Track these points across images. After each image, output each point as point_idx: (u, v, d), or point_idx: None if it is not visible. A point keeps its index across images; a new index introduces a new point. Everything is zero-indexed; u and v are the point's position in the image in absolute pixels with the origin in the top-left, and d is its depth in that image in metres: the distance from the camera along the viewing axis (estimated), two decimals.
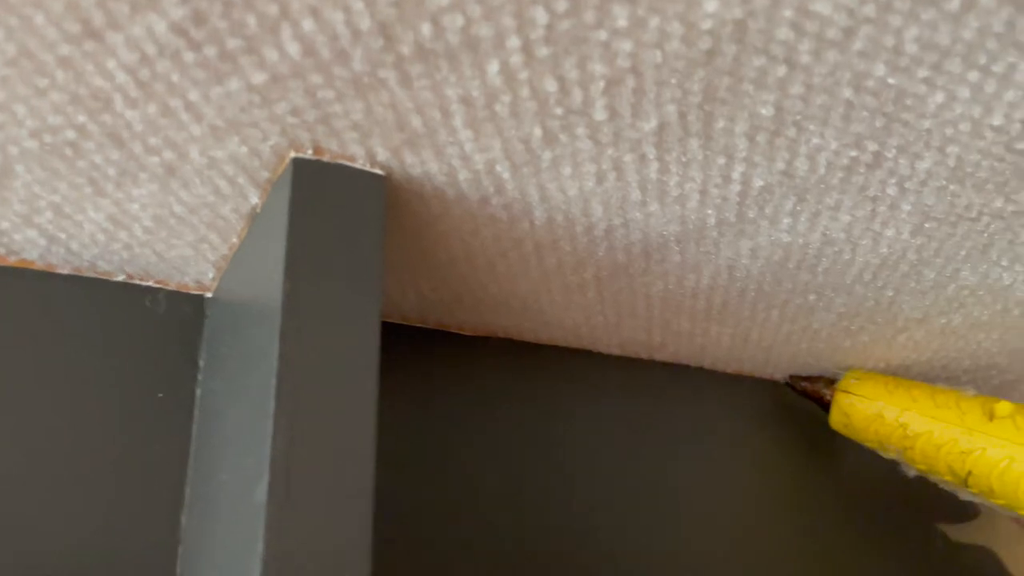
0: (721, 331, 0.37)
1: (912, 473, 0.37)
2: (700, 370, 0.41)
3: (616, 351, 0.39)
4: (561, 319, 0.34)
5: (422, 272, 0.30)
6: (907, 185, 0.26)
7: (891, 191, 0.26)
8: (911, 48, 0.20)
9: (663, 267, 0.30)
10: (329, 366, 0.21)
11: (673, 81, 0.21)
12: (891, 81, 0.21)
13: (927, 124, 0.23)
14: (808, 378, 0.41)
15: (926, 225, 0.28)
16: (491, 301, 0.32)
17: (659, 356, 0.40)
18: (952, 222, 0.28)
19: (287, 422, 0.20)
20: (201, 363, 0.30)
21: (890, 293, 0.33)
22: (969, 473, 0.33)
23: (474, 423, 0.34)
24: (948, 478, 0.34)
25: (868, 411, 0.36)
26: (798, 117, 0.22)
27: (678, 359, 0.40)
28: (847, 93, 0.21)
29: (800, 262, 0.31)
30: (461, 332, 0.35)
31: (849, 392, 0.38)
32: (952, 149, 0.24)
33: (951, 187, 0.26)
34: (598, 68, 0.20)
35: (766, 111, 0.22)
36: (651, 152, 0.23)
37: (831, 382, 0.39)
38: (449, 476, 0.34)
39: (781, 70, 0.20)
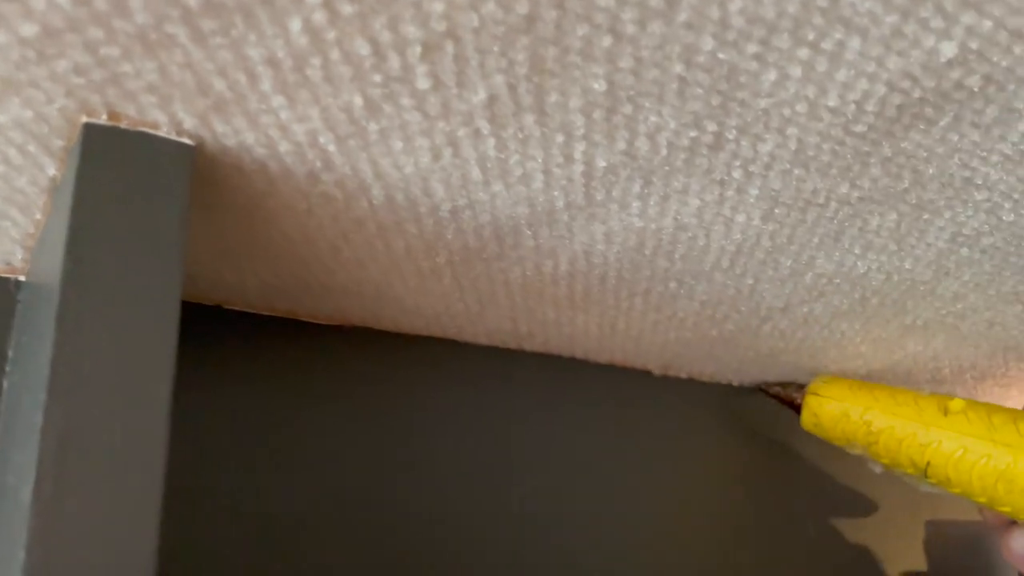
0: (588, 320, 0.36)
1: (878, 469, 0.40)
2: (572, 360, 0.41)
3: (483, 340, 0.37)
4: (420, 307, 0.33)
5: (258, 256, 0.28)
6: (751, 168, 0.25)
7: (736, 175, 0.26)
8: (737, 21, 0.19)
9: (518, 252, 0.29)
10: (116, 355, 0.19)
11: (496, 49, 0.19)
12: (721, 56, 0.20)
13: (763, 104, 0.22)
14: (780, 384, 0.44)
15: (776, 211, 0.28)
16: (341, 288, 0.31)
17: (528, 346, 0.39)
18: (801, 208, 0.28)
19: (60, 416, 0.18)
20: (10, 353, 0.27)
21: (750, 281, 0.33)
22: (928, 464, 0.35)
23: (321, 414, 0.32)
24: (910, 470, 0.37)
25: (835, 411, 0.39)
26: (632, 93, 0.21)
27: (548, 349, 0.39)
28: (678, 68, 0.21)
29: (656, 248, 0.30)
30: (314, 321, 0.33)
31: (818, 394, 0.40)
32: (792, 131, 0.24)
33: (796, 171, 0.26)
34: (411, 30, 0.18)
35: (598, 86, 0.21)
36: (485, 127, 0.22)
37: (801, 387, 0.42)
38: (302, 473, 0.32)
39: (607, 40, 0.19)
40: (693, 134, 0.23)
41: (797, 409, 0.42)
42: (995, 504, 0.35)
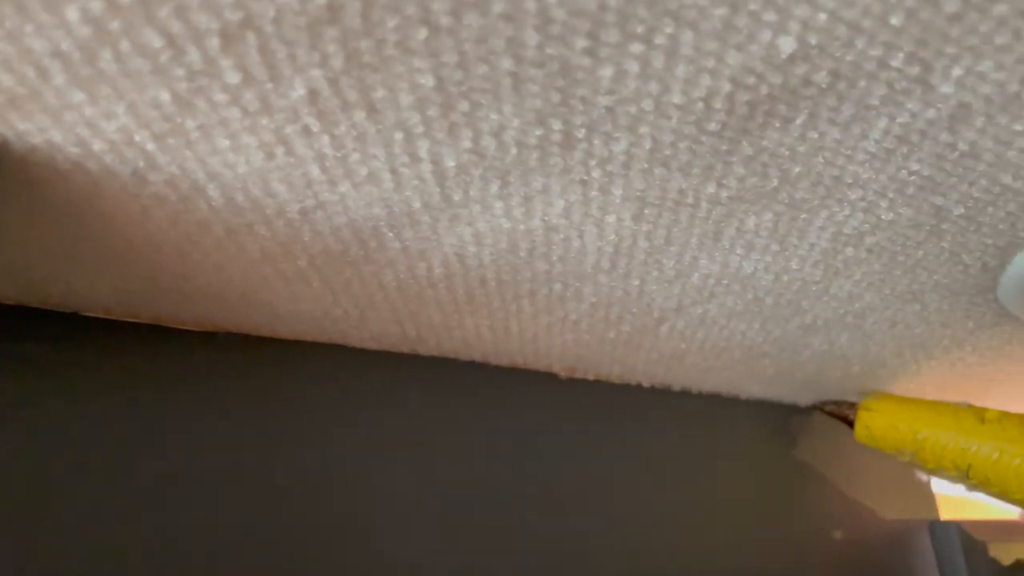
0: (477, 322, 0.35)
1: (925, 475, 0.46)
2: (471, 364, 0.40)
3: (372, 345, 0.36)
4: (294, 312, 0.32)
5: (104, 261, 0.26)
6: (610, 168, 0.24)
7: (596, 175, 0.25)
8: (558, 13, 0.18)
9: (385, 254, 0.28)
10: None
11: (303, 41, 0.18)
12: (550, 51, 0.19)
13: (606, 101, 0.21)
14: (835, 402, 0.50)
15: (646, 211, 0.27)
16: (202, 293, 0.29)
17: (422, 350, 0.37)
18: (671, 208, 0.27)
19: None
20: None
21: (636, 282, 0.32)
22: (969, 467, 0.40)
23: (192, 424, 0.31)
24: (953, 473, 0.42)
25: (885, 423, 0.45)
26: (464, 89, 0.20)
27: (443, 353, 0.38)
28: (507, 63, 0.19)
29: (530, 250, 0.29)
30: (182, 327, 0.32)
31: (870, 409, 0.46)
32: (644, 130, 0.23)
33: (657, 171, 0.25)
34: (203, 20, 0.17)
35: (426, 80, 0.20)
36: (314, 124, 0.21)
37: (852, 405, 0.48)
38: (173, 486, 0.30)
39: (422, 32, 0.18)
40: (539, 132, 0.22)
41: (851, 424, 0.47)
42: None
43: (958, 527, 0.53)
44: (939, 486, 0.61)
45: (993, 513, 0.71)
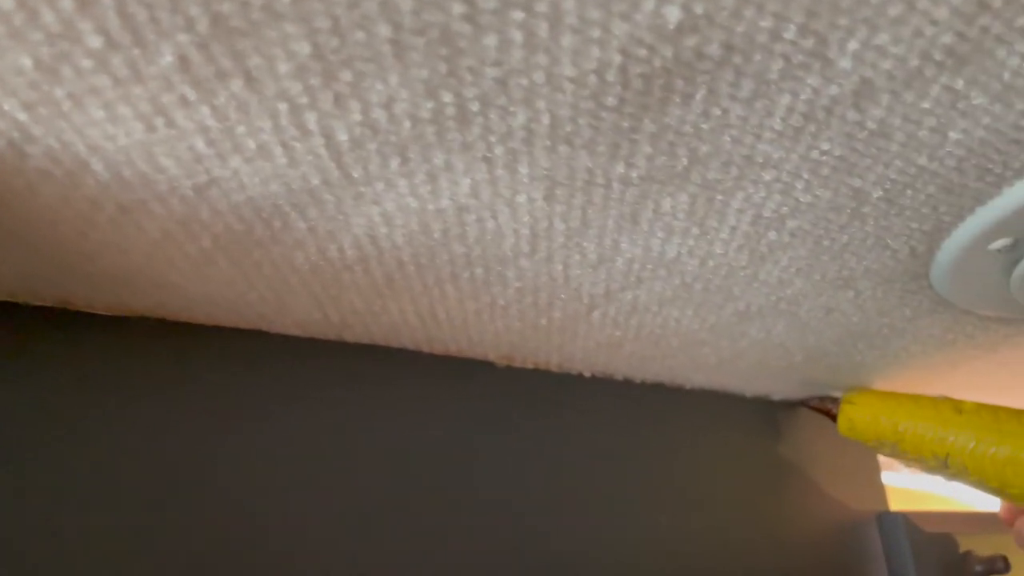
0: (402, 308, 0.34)
1: (905, 464, 0.46)
2: (403, 352, 0.39)
3: (296, 332, 0.35)
4: (208, 295, 0.31)
5: None
6: (512, 145, 0.24)
7: (499, 151, 0.24)
8: None
9: (292, 235, 0.27)
10: None
11: (164, 3, 0.17)
12: (427, 17, 0.19)
13: (495, 72, 0.21)
14: (818, 398, 0.52)
15: (557, 191, 0.27)
16: (108, 275, 0.28)
17: (350, 337, 0.37)
18: (583, 188, 0.27)
19: None
20: None
21: (560, 267, 0.32)
22: (948, 455, 0.42)
23: (100, 411, 0.30)
24: (932, 463, 0.43)
25: (867, 416, 0.46)
26: (344, 57, 0.20)
27: (373, 340, 0.37)
28: (384, 30, 0.19)
29: (444, 231, 0.28)
30: (91, 311, 0.31)
31: (852, 403, 0.48)
32: (540, 104, 0.22)
33: (561, 148, 0.24)
34: None
35: (301, 47, 0.19)
36: (191, 93, 0.20)
37: (835, 399, 0.49)
38: (84, 476, 0.30)
39: None
40: (431, 105, 0.22)
41: (833, 418, 0.49)
42: (1006, 487, 0.40)
43: (905, 518, 0.53)
44: (889, 479, 0.61)
45: (941, 505, 0.71)
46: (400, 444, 0.37)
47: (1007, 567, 0.55)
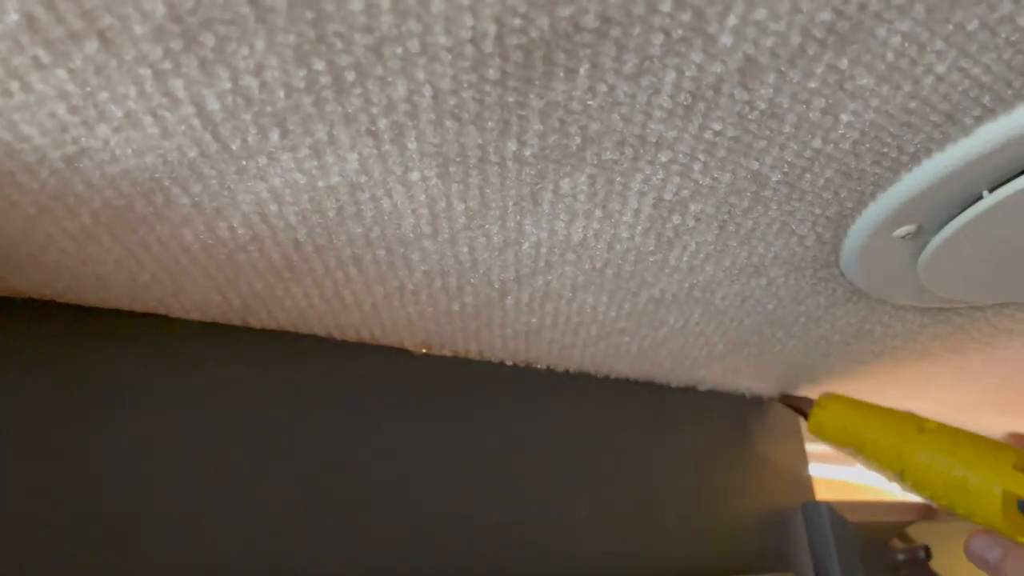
0: (307, 292, 0.33)
1: (863, 469, 0.48)
2: (314, 338, 0.38)
3: (197, 316, 0.34)
4: (98, 276, 0.30)
5: None
6: (396, 118, 0.23)
7: (383, 124, 0.23)
8: None
9: (177, 212, 0.27)
10: None
11: None
12: None
13: (366, 40, 0.20)
14: (794, 397, 0.55)
15: (451, 169, 0.26)
16: None
17: (255, 322, 0.36)
18: (478, 166, 0.26)
19: None
20: None
21: (465, 248, 0.32)
22: (903, 470, 0.44)
23: None
24: (889, 474, 0.45)
25: (835, 422, 0.48)
26: (202, 19, 0.19)
27: (280, 326, 0.37)
28: None
29: (339, 210, 0.28)
30: None
31: (823, 407, 0.49)
32: (420, 75, 0.22)
33: (448, 123, 0.24)
34: None
35: (154, 7, 0.18)
36: (43, 55, 0.19)
37: (810, 401, 0.51)
38: None
39: None
40: (303, 73, 0.21)
41: (805, 416, 0.51)
42: (953, 507, 0.42)
43: (829, 507, 0.54)
44: (816, 471, 0.61)
45: (863, 495, 0.73)
46: (310, 435, 0.36)
47: (928, 555, 0.56)
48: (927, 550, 0.56)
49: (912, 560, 0.55)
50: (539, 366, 0.46)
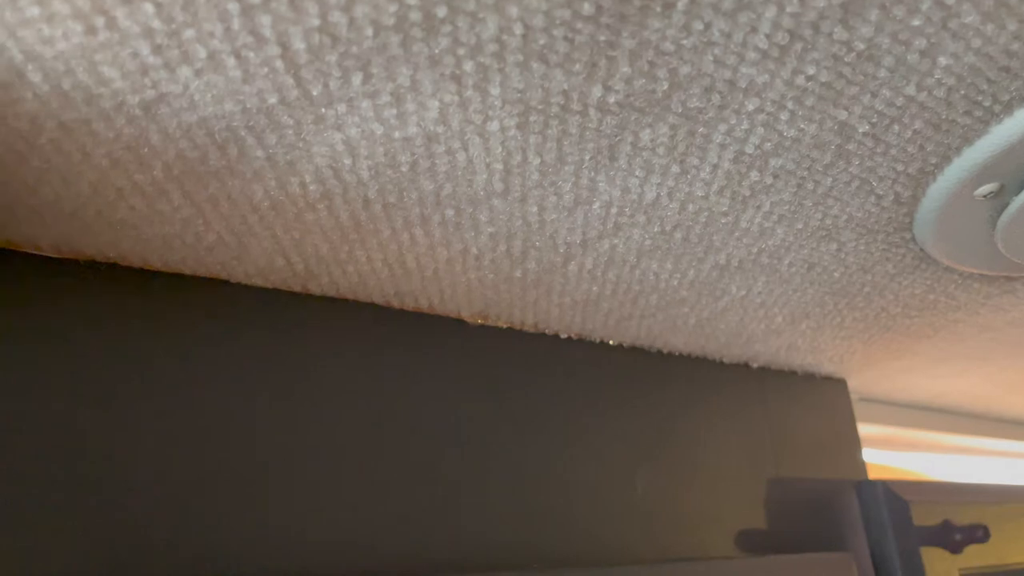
0: (369, 256, 0.33)
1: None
2: (372, 307, 0.37)
3: (259, 282, 0.34)
4: (164, 237, 0.29)
5: None
6: (482, 60, 0.22)
7: (469, 68, 0.23)
8: None
9: (251, 165, 0.26)
10: None
11: None
12: None
13: None
14: None
15: (531, 119, 0.25)
16: (52, 210, 0.27)
17: (316, 288, 0.35)
18: (558, 115, 0.25)
19: None
20: None
21: (534, 208, 0.31)
22: None
23: (49, 360, 0.28)
24: None
25: None
26: None
27: (340, 293, 0.36)
28: None
29: (412, 165, 0.27)
30: (39, 253, 0.29)
31: None
32: (512, 11, 0.21)
33: (534, 65, 0.23)
34: None
35: None
36: None
37: None
38: (30, 425, 0.28)
39: None
40: (394, 8, 0.20)
41: None
42: None
43: (884, 485, 0.53)
44: (869, 453, 0.60)
45: (917, 476, 0.71)
46: (371, 403, 0.36)
47: (987, 535, 0.54)
48: (985, 530, 0.54)
49: (970, 539, 0.54)
50: (593, 339, 0.45)
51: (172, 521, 0.29)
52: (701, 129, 0.27)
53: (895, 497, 0.52)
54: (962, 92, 0.26)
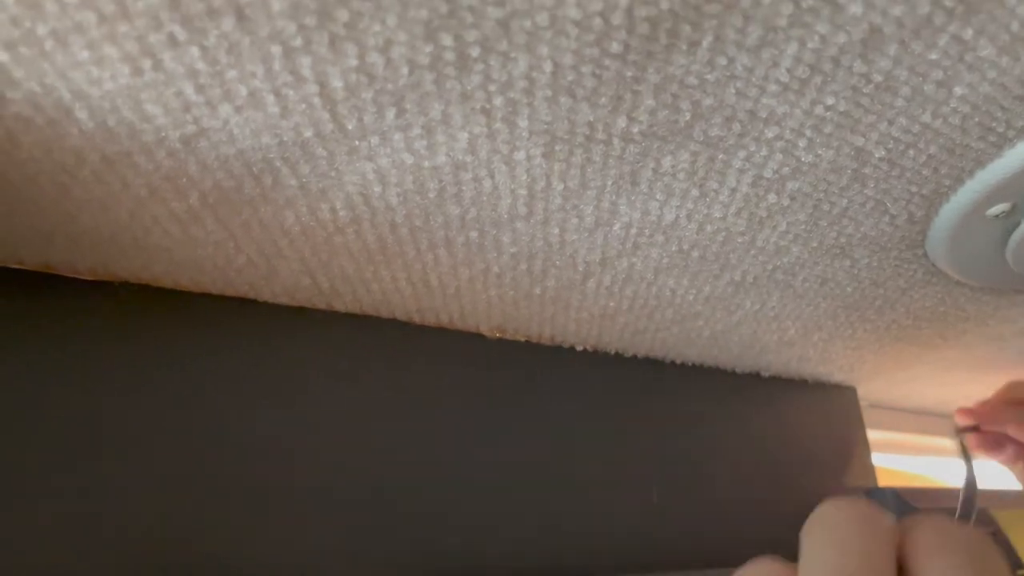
0: (394, 275, 0.33)
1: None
2: (393, 322, 0.38)
3: (285, 300, 0.35)
4: (196, 259, 0.30)
5: None
6: (512, 95, 0.23)
7: (498, 102, 0.23)
8: None
9: (284, 193, 0.27)
10: None
11: None
12: None
13: (496, 13, 0.20)
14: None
15: (557, 148, 0.26)
16: (90, 236, 0.27)
17: (339, 306, 0.36)
18: (583, 144, 0.26)
19: None
20: None
21: (556, 230, 0.31)
22: None
23: (82, 377, 0.29)
24: None
25: None
26: None
27: (363, 310, 0.37)
28: None
29: (440, 191, 0.28)
30: (75, 276, 0.30)
31: None
32: (543, 50, 0.21)
33: (562, 99, 0.24)
34: None
35: None
36: (180, 32, 0.19)
37: None
38: (61, 441, 0.29)
39: None
40: (429, 49, 0.21)
41: None
42: None
43: (894, 492, 0.53)
44: (878, 459, 0.61)
45: (927, 483, 0.72)
46: (394, 417, 0.36)
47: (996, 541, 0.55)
48: (996, 534, 0.55)
49: None
50: (608, 351, 0.46)
51: (221, 531, 0.29)
52: (721, 156, 0.28)
53: (906, 504, 0.53)
54: (977, 119, 0.27)
